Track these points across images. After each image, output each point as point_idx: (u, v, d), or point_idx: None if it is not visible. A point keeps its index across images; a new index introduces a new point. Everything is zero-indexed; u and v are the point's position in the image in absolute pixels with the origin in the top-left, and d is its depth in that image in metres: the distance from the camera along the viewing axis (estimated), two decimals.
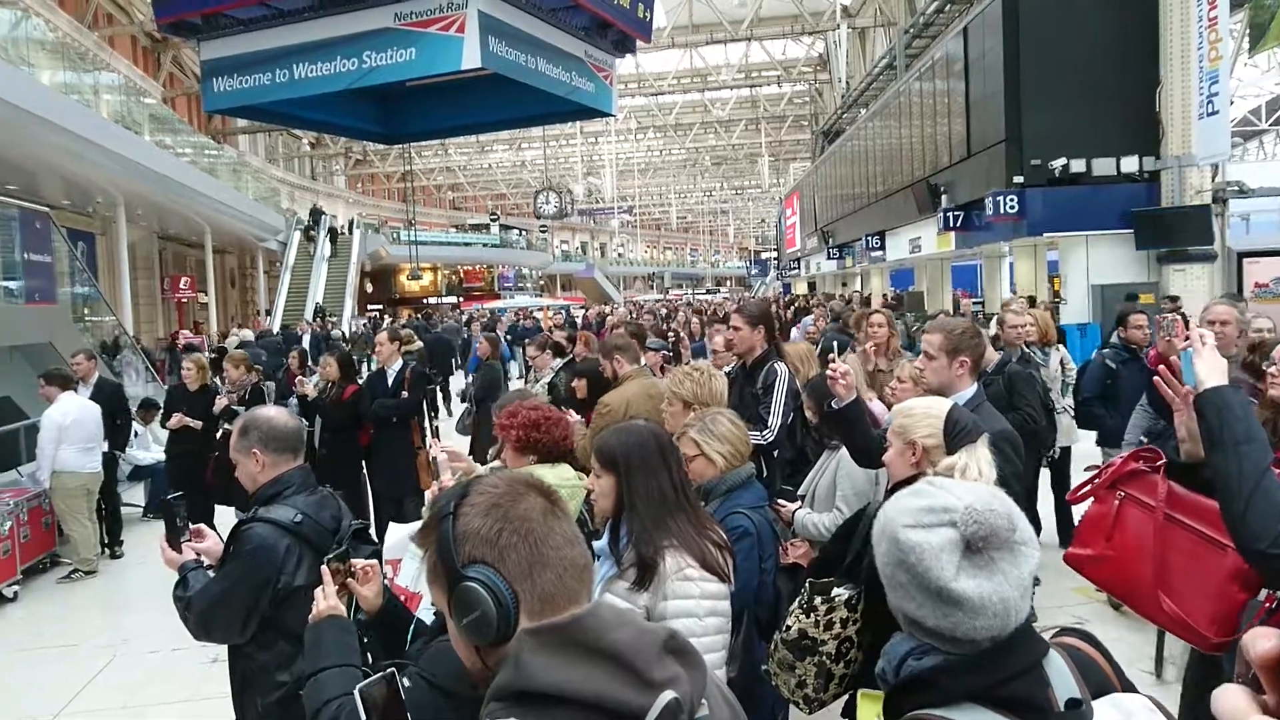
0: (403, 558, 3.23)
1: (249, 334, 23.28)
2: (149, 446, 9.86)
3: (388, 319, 32.73)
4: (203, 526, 3.08)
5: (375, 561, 2.41)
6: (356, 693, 1.63)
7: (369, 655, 2.42)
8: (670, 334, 8.92)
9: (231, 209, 28.59)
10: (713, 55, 41.55)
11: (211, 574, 2.97)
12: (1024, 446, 3.26)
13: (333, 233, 36.48)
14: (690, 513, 2.52)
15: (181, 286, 30.07)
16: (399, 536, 3.43)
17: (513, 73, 7.69)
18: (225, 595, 2.89)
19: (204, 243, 29.63)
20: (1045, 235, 15.14)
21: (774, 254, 53.74)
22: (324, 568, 2.34)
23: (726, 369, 5.17)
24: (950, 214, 17.21)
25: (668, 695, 1.11)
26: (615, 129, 48.02)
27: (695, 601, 2.35)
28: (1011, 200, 14.35)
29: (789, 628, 2.40)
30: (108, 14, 29.06)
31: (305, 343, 19.81)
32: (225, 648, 5.71)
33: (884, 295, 20.48)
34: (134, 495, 9.64)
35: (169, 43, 32.50)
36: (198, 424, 7.38)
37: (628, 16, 8.84)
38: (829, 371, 3.37)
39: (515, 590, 1.25)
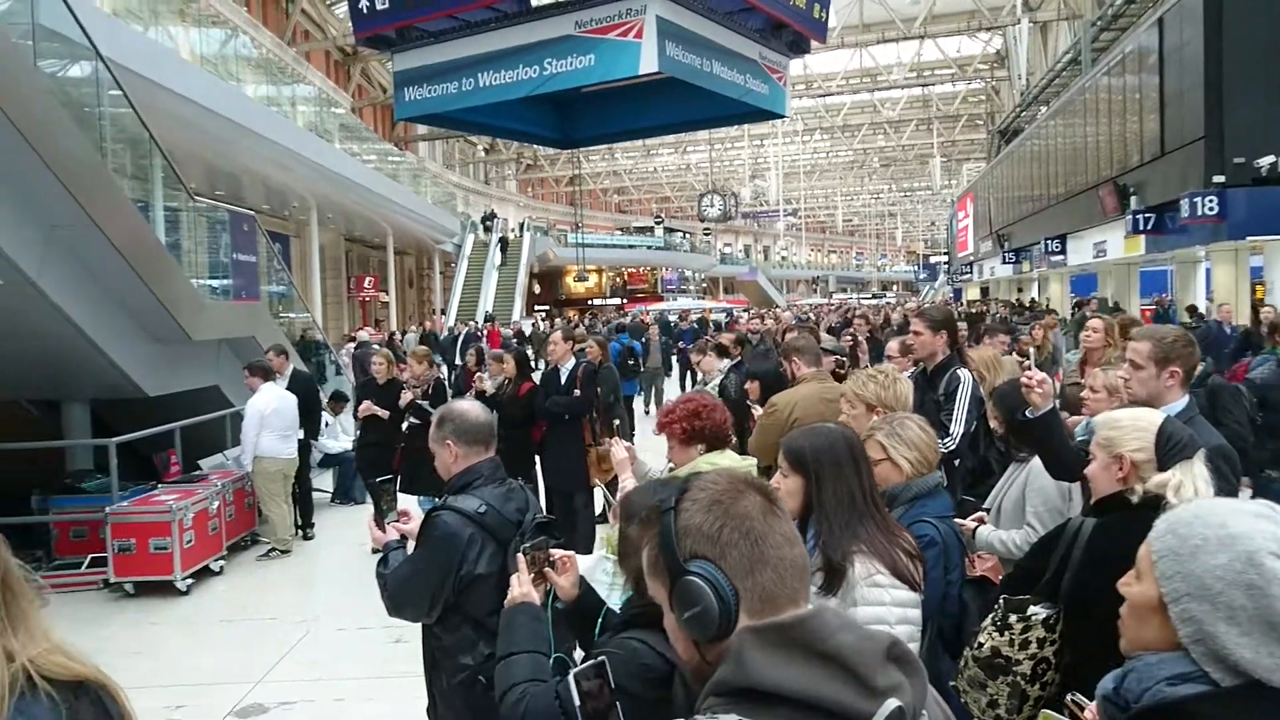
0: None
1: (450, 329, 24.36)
2: (337, 436, 10.47)
3: (559, 320, 33.56)
4: (408, 509, 3.25)
5: (573, 553, 2.46)
6: (570, 678, 1.68)
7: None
8: (847, 338, 8.75)
9: (411, 212, 30.02)
10: (883, 54, 40.65)
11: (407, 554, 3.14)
12: None
13: (503, 242, 37.67)
14: (879, 519, 2.47)
15: (365, 286, 31.77)
16: (587, 565, 3.50)
17: (688, 76, 7.74)
18: (413, 577, 3.02)
19: (386, 244, 31.21)
20: (1248, 239, 14.03)
21: (944, 258, 52.05)
22: (519, 556, 2.42)
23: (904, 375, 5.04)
24: (1140, 216, 16.20)
25: (893, 703, 1.10)
26: (782, 130, 47.66)
27: (886, 609, 2.30)
28: (1211, 201, 13.36)
29: (981, 645, 2.32)
30: (305, 31, 31.05)
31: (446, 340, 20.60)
32: (409, 629, 5.99)
33: (1095, 301, 19.48)
34: (323, 481, 10.25)
35: (358, 56, 34.44)
36: (385, 413, 7.78)
37: (803, 17, 8.75)
38: (1024, 379, 3.24)
39: (736, 587, 1.25)
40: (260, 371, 8.12)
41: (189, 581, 7.33)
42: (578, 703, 1.68)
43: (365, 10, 7.99)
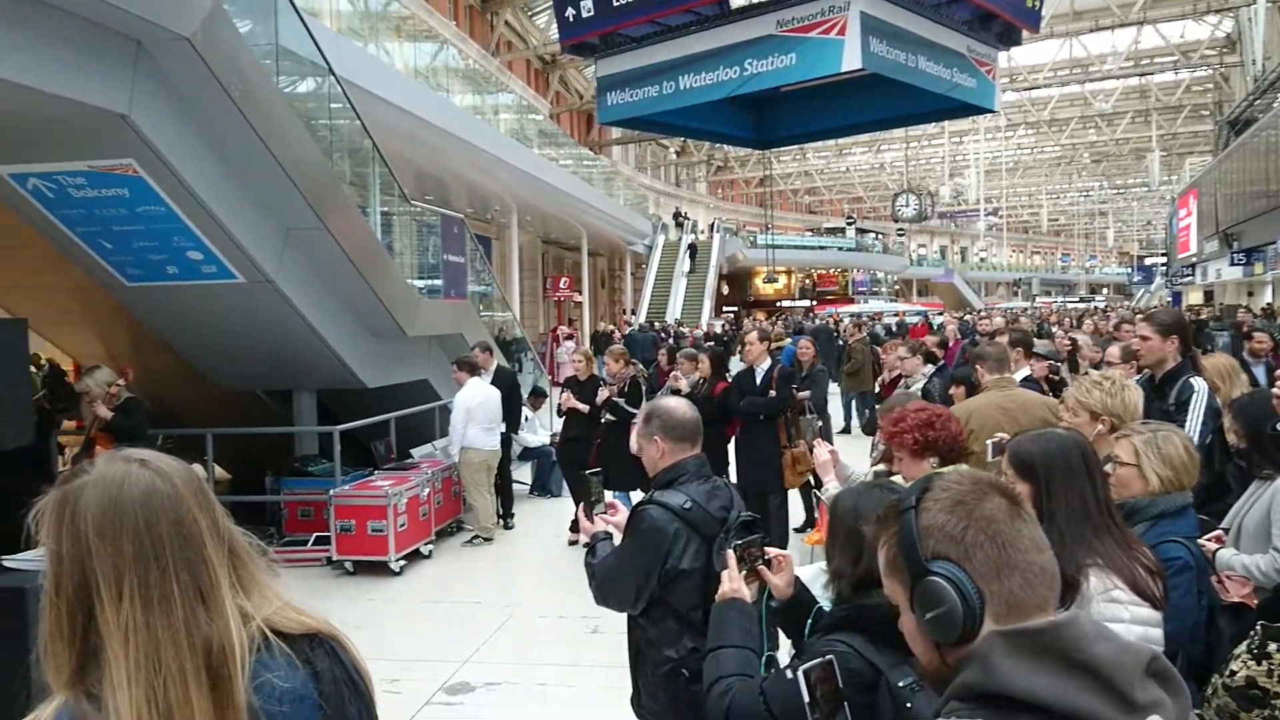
0: None
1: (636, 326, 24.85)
2: (536, 431, 10.87)
3: (747, 321, 33.51)
4: (616, 501, 3.34)
5: (789, 552, 2.46)
6: (800, 673, 1.67)
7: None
8: (1066, 342, 8.30)
9: (604, 214, 30.73)
10: (1096, 43, 38.20)
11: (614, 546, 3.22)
12: None
13: (692, 249, 37.89)
14: (1116, 531, 2.32)
15: (561, 286, 32.78)
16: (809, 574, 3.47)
17: (892, 72, 7.55)
18: (620, 568, 3.09)
19: (580, 246, 32.09)
20: None
21: (1161, 259, 48.44)
22: (729, 552, 2.43)
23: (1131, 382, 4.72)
24: None
25: None
26: (984, 126, 45.69)
27: (1125, 626, 2.17)
28: None
29: (1234, 673, 2.15)
30: (508, 41, 32.37)
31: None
32: (606, 620, 6.13)
33: None
34: (522, 474, 10.66)
35: (557, 64, 35.56)
36: (585, 408, 8.01)
37: (1014, 7, 8.34)
38: (1276, 390, 2.97)
39: (981, 590, 1.22)
40: (468, 367, 8.53)
41: (401, 563, 7.79)
42: (806, 699, 1.67)
43: (571, 19, 8.26)
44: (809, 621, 2.40)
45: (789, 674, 2.06)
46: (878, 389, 9.55)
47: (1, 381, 4.63)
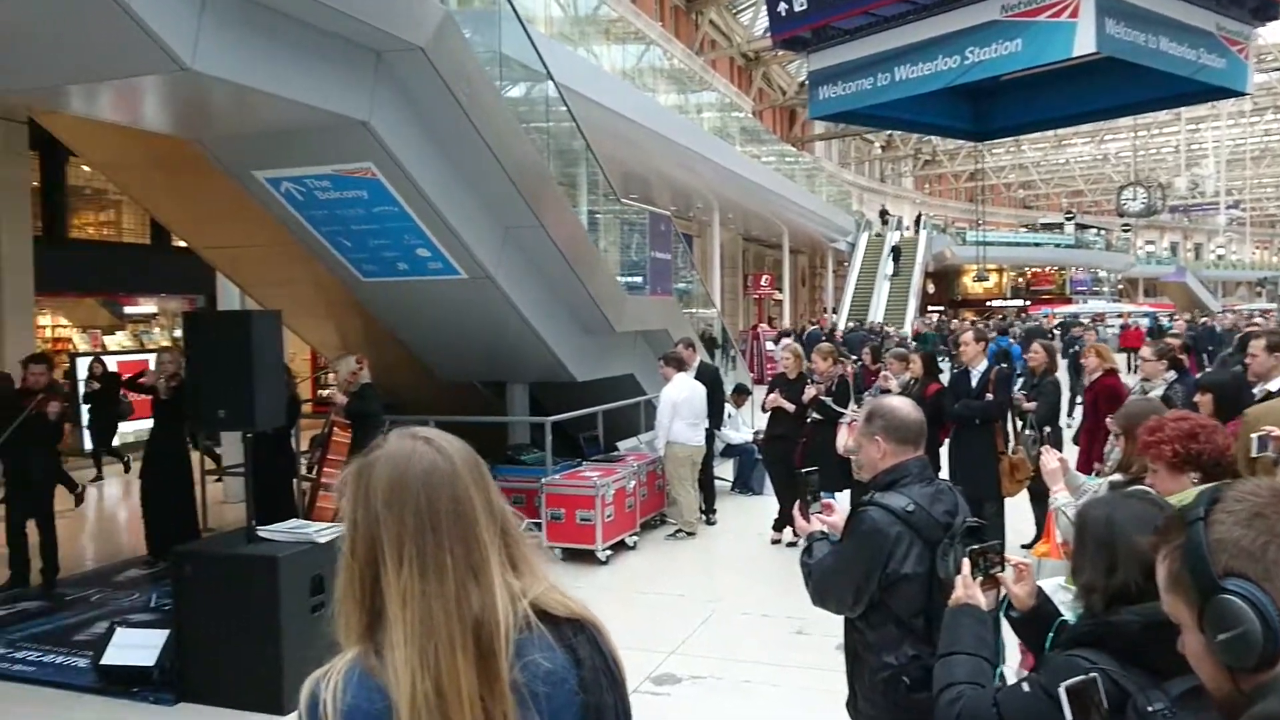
0: None
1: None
2: (739, 428, 10.88)
3: (957, 321, 32.25)
4: (832, 501, 3.28)
5: (1031, 561, 2.35)
6: (1063, 690, 1.59)
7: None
8: None
9: (806, 211, 30.37)
10: None
11: (833, 546, 3.16)
12: None
13: (896, 251, 36.77)
14: None
15: (762, 284, 32.66)
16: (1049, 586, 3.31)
17: (1130, 55, 7.05)
18: (838, 569, 3.02)
19: (781, 243, 31.85)
20: None
21: None
22: (965, 558, 2.35)
23: None
24: None
25: None
26: (1225, 111, 41.92)
27: None
28: None
29: None
30: (712, 40, 32.54)
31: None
32: (811, 621, 6.04)
33: None
34: (724, 471, 10.68)
35: (760, 60, 35.44)
36: (792, 407, 7.94)
37: None
38: None
39: None
40: (674, 362, 8.64)
41: (608, 552, 7.98)
42: (1069, 716, 1.58)
43: (783, 13, 8.21)
44: (1050, 635, 2.27)
45: (1025, 687, 1.97)
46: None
47: (260, 367, 5.08)
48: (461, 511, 1.33)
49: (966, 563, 2.34)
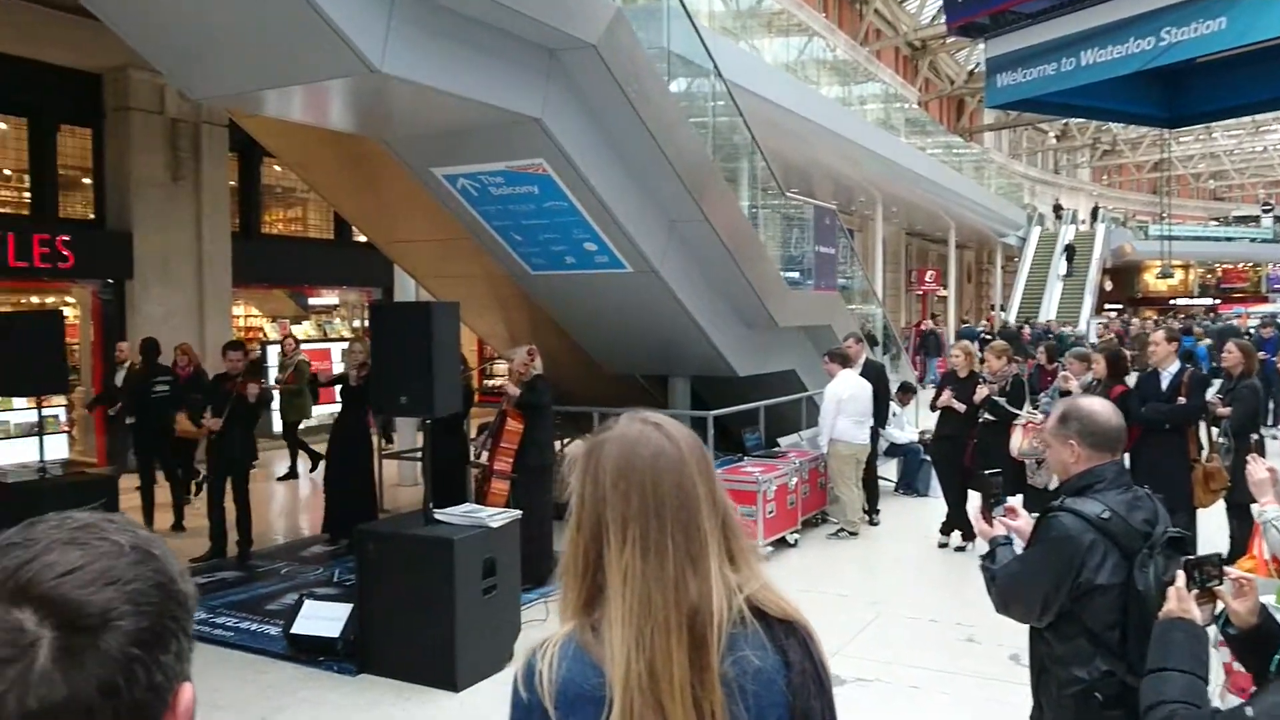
0: None
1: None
2: (903, 427, 10.58)
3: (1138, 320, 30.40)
4: (1015, 504, 3.14)
5: (1253, 577, 2.18)
6: None
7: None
8: None
9: (974, 204, 29.29)
10: None
11: (1018, 551, 3.03)
12: None
13: (1070, 250, 34.79)
14: None
15: (926, 280, 31.70)
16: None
17: None
18: (1024, 576, 2.90)
19: (947, 238, 30.82)
20: None
21: None
22: (1180, 569, 2.21)
23: None
24: None
25: None
26: None
27: None
28: None
29: None
30: (876, 30, 31.78)
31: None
32: (982, 628, 5.83)
33: None
34: (887, 470, 10.42)
35: (927, 49, 34.39)
36: (963, 406, 7.66)
37: None
38: None
39: None
40: (839, 358, 8.48)
41: (769, 549, 7.91)
42: None
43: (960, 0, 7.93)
44: (1276, 657, 2.10)
45: (1248, 711, 1.83)
46: None
47: (439, 356, 5.28)
48: (685, 499, 1.34)
49: (1181, 575, 2.20)
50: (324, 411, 12.22)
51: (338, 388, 8.77)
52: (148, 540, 0.79)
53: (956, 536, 8.05)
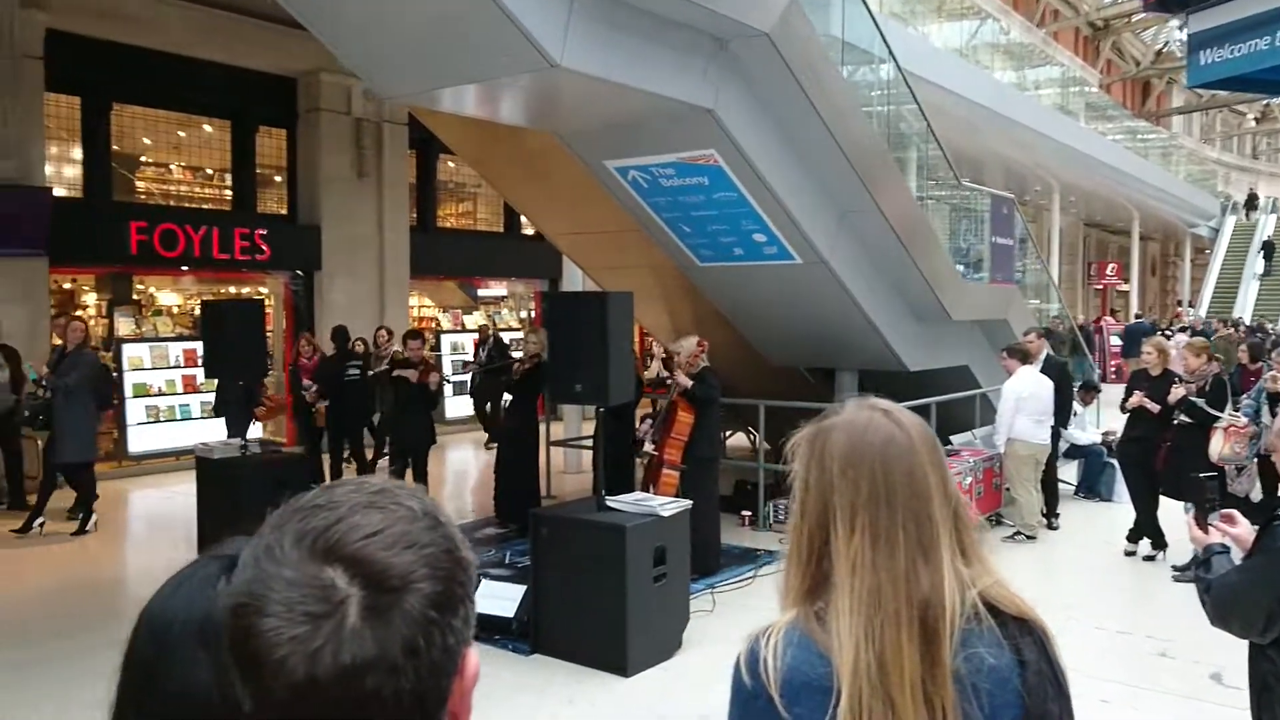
0: None
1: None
2: (1085, 427, 10.04)
3: None
4: (1234, 511, 2.93)
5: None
6: None
7: None
8: None
9: (1161, 192, 27.55)
10: None
11: (1236, 561, 2.83)
12: None
13: (1268, 247, 31.92)
14: None
15: (1108, 273, 29.96)
16: None
17: None
18: (1245, 588, 2.71)
19: (1129, 229, 29.09)
20: None
21: None
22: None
23: None
24: None
25: None
26: None
27: None
28: None
29: None
30: (1054, 10, 30.22)
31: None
32: (1178, 643, 5.49)
33: None
34: (1068, 473, 9.91)
35: (1109, 29, 32.51)
36: (1156, 407, 7.20)
37: None
38: None
39: None
40: (1018, 354, 8.11)
41: None
42: None
43: None
44: None
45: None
46: None
47: (614, 345, 5.35)
48: (917, 488, 1.30)
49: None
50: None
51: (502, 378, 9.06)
52: (434, 507, 0.81)
53: (1146, 545, 7.58)
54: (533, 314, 16.94)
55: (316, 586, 0.72)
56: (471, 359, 13.08)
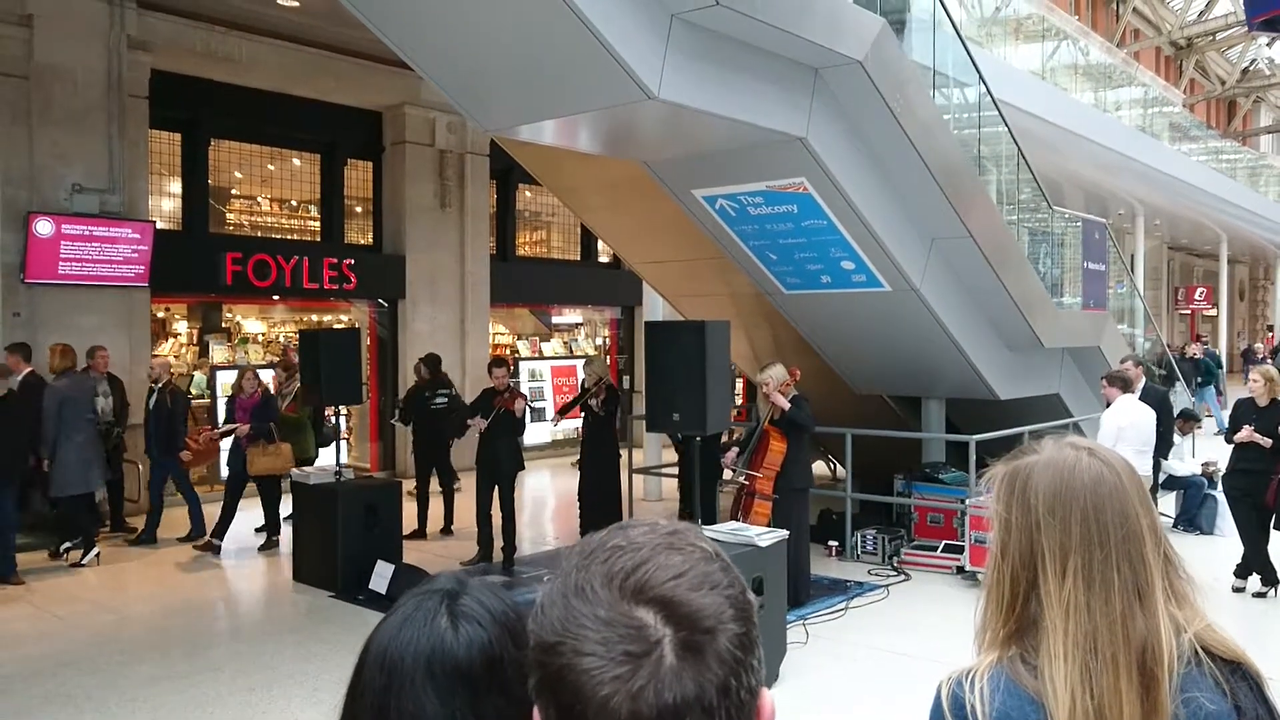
0: None
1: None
2: (1183, 458, 9.71)
3: None
4: None
5: None
6: None
7: None
8: None
9: (1250, 214, 26.67)
10: None
11: None
12: None
13: None
14: None
15: (1196, 298, 29.09)
16: None
17: None
18: None
19: (1217, 252, 28.25)
20: None
21: None
22: None
23: None
24: None
25: None
26: None
27: None
28: None
29: None
30: (1135, 30, 29.65)
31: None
32: None
33: None
34: (1165, 504, 9.59)
35: (1192, 48, 31.78)
36: (1267, 441, 6.95)
37: None
38: None
39: None
40: (1119, 382, 7.88)
41: None
42: None
43: None
44: None
45: None
46: None
47: (712, 373, 5.35)
48: (1130, 530, 1.27)
49: None
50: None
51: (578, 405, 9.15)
52: (719, 550, 0.82)
53: (1255, 581, 7.29)
54: (607, 341, 17.03)
55: (632, 627, 0.73)
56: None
